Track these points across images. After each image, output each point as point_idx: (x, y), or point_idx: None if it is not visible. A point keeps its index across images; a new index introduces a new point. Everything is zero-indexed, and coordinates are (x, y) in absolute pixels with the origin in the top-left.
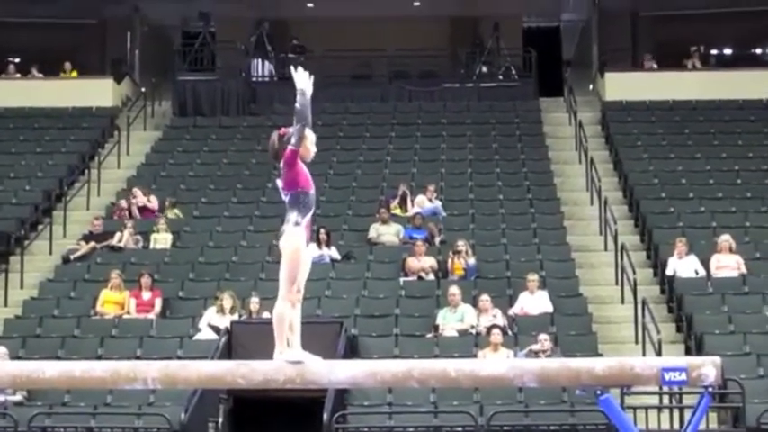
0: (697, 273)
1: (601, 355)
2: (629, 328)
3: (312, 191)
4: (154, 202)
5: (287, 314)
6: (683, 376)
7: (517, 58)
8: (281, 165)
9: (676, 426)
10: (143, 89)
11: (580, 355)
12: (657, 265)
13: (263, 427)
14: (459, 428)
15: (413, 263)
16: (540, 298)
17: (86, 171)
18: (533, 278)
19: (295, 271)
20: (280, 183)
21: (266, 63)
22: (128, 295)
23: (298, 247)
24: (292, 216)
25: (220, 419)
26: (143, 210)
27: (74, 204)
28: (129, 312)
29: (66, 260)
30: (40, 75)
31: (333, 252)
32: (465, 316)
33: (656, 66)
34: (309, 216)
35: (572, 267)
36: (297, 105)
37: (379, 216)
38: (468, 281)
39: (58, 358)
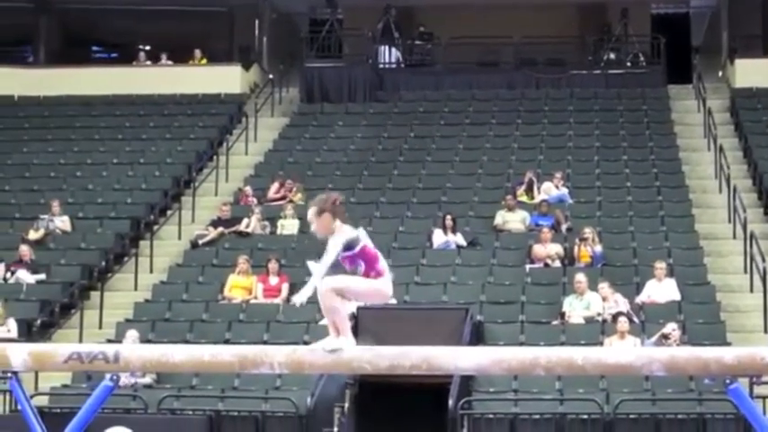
0: None
1: (729, 343)
2: (759, 317)
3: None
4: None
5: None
6: None
7: (645, 45)
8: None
9: None
10: (271, 76)
11: (708, 343)
12: None
13: (389, 412)
14: (585, 416)
15: (539, 250)
16: (667, 286)
17: (215, 157)
18: (661, 266)
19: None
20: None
21: (393, 50)
22: (255, 280)
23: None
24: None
25: (346, 404)
26: (278, 199)
27: (202, 190)
28: (256, 297)
29: (194, 245)
30: (170, 62)
31: (458, 238)
32: (591, 303)
33: None
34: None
35: (700, 255)
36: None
37: (506, 203)
38: (594, 268)
39: (187, 342)
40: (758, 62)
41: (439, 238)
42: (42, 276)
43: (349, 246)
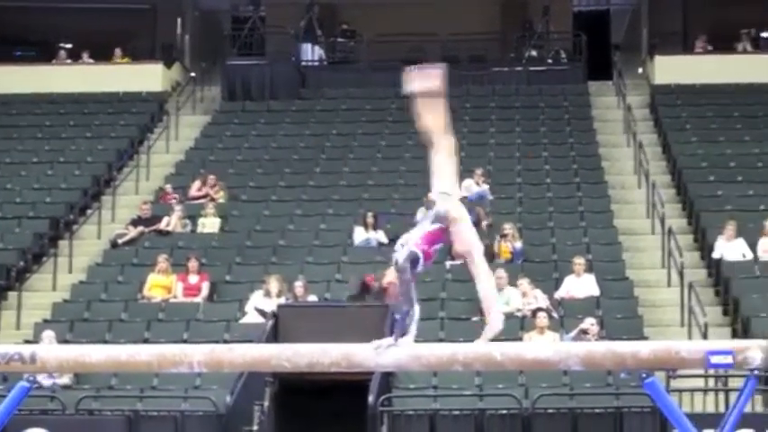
0: (744, 256)
1: (646, 338)
2: (676, 311)
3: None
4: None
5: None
6: (729, 359)
7: (566, 42)
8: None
9: (722, 409)
10: (193, 74)
11: (626, 338)
12: (705, 248)
13: (309, 410)
14: (504, 411)
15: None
16: (586, 281)
17: (135, 156)
18: (580, 261)
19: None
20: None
21: (316, 47)
22: (175, 279)
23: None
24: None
25: (266, 403)
26: (200, 197)
27: (122, 189)
28: (176, 296)
29: (114, 244)
30: (91, 60)
31: (380, 236)
32: (511, 299)
33: (710, 47)
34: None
35: (619, 251)
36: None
37: (427, 200)
38: (514, 264)
39: (106, 342)
40: (677, 59)
41: (360, 235)
42: None
43: (413, 264)
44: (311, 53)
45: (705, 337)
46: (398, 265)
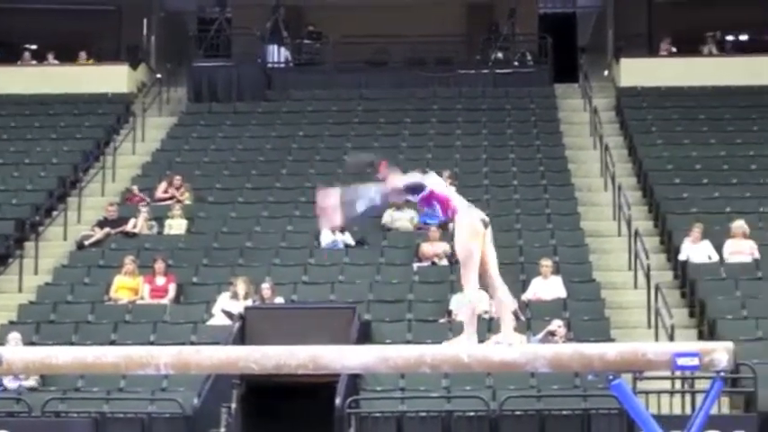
0: (710, 258)
1: (613, 340)
2: (642, 313)
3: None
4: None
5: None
6: (696, 361)
7: (533, 44)
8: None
9: (688, 410)
10: (159, 75)
11: (593, 340)
12: (671, 250)
13: (276, 412)
14: (472, 413)
15: (426, 248)
16: (553, 283)
17: (101, 157)
18: (547, 263)
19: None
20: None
21: (282, 49)
22: (141, 281)
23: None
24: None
25: (233, 405)
26: (166, 199)
27: (89, 190)
28: (142, 298)
29: (80, 246)
30: (56, 61)
31: (346, 238)
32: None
33: (675, 49)
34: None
35: (585, 253)
36: None
37: (394, 201)
38: None
39: (72, 344)
40: (643, 61)
41: (327, 237)
42: None
43: (413, 189)
44: (277, 55)
45: (672, 338)
46: (405, 180)
